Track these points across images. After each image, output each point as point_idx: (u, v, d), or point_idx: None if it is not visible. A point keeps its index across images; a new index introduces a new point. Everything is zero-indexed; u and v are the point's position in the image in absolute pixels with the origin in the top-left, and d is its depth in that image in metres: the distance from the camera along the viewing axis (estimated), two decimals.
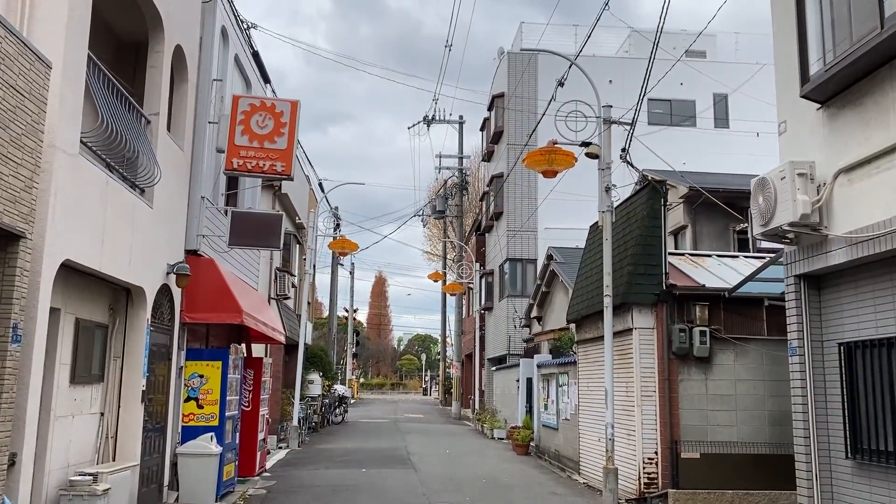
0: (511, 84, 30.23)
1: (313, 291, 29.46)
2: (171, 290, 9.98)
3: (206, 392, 10.87)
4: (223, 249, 11.58)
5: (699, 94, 30.91)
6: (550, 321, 21.71)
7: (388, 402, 48.61)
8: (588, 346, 13.96)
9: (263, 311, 13.52)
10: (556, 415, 17.04)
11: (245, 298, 11.87)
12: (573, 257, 21.59)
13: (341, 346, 50.63)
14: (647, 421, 11.36)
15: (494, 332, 30.66)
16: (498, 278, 30.62)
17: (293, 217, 21.78)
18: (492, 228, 32.35)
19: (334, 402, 27.62)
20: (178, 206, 10.31)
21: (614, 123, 12.30)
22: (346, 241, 20.12)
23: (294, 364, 21.33)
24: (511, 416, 22.79)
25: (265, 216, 11.25)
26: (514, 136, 29.93)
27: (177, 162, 10.21)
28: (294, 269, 22.27)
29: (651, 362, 11.47)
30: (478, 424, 25.83)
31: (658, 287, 11.49)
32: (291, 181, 11.16)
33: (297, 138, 11.16)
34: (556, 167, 11.52)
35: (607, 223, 11.70)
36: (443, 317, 41.67)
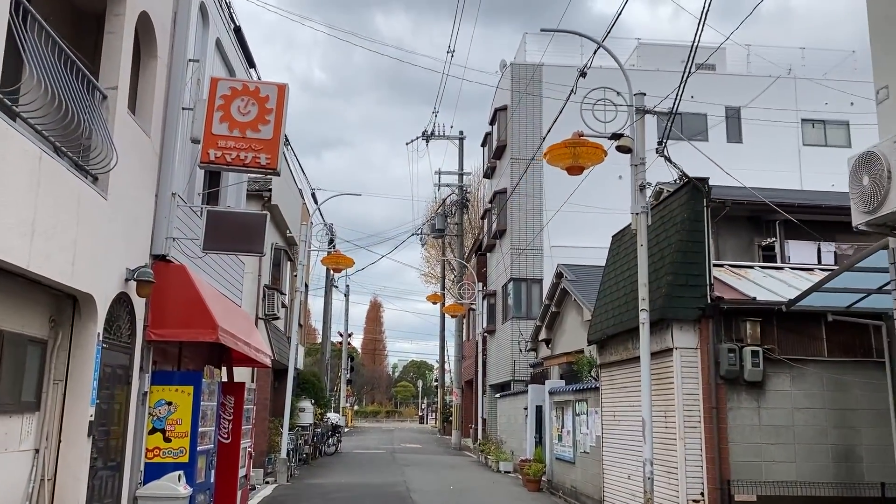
0: (514, 96, 28.88)
1: (305, 312, 27.79)
2: (132, 300, 8.37)
3: (175, 422, 9.22)
4: (197, 255, 9.99)
5: (710, 108, 29.58)
6: (561, 344, 20.10)
7: (384, 430, 46.71)
8: (614, 370, 12.35)
9: (247, 330, 11.90)
10: (573, 447, 15.38)
11: (224, 314, 10.28)
12: (585, 275, 20.08)
13: (335, 372, 48.85)
14: (691, 456, 9.72)
15: (497, 356, 29.01)
16: (501, 300, 29.02)
17: (283, 231, 20.21)
18: (494, 247, 30.82)
19: (327, 431, 25.87)
20: (142, 201, 8.75)
21: (649, 113, 10.79)
22: (340, 257, 18.54)
23: (283, 390, 19.64)
24: (518, 447, 21.08)
25: (247, 216, 9.68)
26: (517, 149, 28.52)
27: (142, 149, 8.66)
28: (284, 286, 20.65)
29: (695, 387, 9.87)
30: (481, 456, 24.10)
31: (702, 300, 9.92)
32: (277, 175, 9.65)
33: (284, 127, 9.64)
34: (581, 162, 10.01)
35: (642, 226, 10.15)
36: (441, 340, 39.98)
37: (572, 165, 10.01)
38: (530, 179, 27.23)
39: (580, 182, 23.88)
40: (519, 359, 26.49)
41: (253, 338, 12.17)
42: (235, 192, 12.97)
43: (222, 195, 12.04)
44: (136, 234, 8.59)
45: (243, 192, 13.64)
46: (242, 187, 13.45)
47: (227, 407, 11.71)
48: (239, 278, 13.39)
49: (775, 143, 29.57)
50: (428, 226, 36.30)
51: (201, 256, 10.01)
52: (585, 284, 19.24)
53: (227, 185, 12.07)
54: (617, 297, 12.16)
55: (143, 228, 8.82)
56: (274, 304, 18.93)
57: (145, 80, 8.86)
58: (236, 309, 12.35)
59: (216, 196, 11.86)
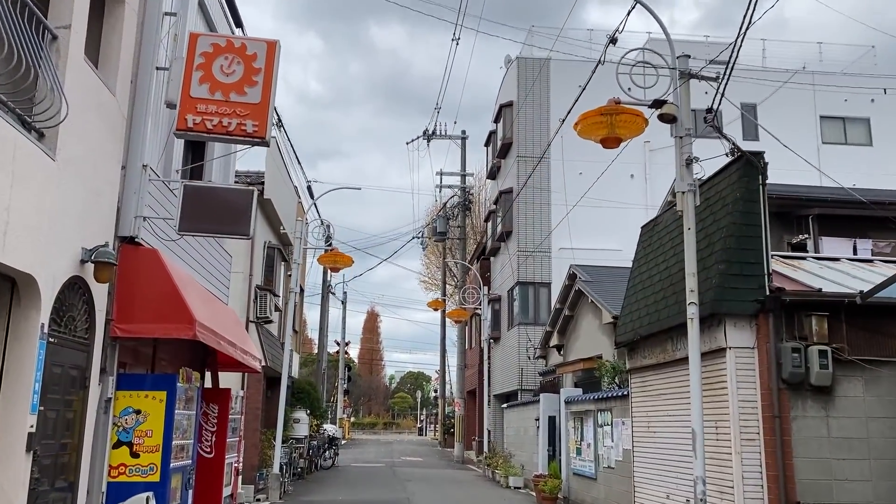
0: (521, 92, 27.58)
1: (301, 318, 26.36)
2: (89, 286, 6.98)
3: (145, 434, 7.81)
4: (173, 238, 8.60)
5: (725, 105, 28.16)
6: (576, 350, 18.70)
7: (382, 443, 45.15)
8: (648, 375, 10.96)
9: (233, 330, 10.50)
10: (595, 461, 13.97)
11: (205, 309, 8.88)
12: (601, 276, 18.74)
13: (332, 382, 47.34)
14: (749, 474, 8.32)
15: (502, 364, 27.58)
16: (506, 305, 27.62)
17: (277, 228, 18.82)
18: (498, 251, 29.43)
19: (323, 444, 24.39)
20: (105, 171, 7.36)
21: (695, 78, 9.45)
22: (338, 255, 17.13)
23: (277, 400, 18.18)
24: (528, 460, 19.64)
25: (230, 192, 8.28)
26: (524, 147, 27.21)
27: (105, 110, 7.29)
28: (278, 287, 19.23)
29: (752, 393, 8.48)
30: (487, 470, 22.63)
31: (760, 292, 8.55)
32: (266, 146, 8.27)
33: (275, 91, 8.25)
34: (619, 133, 8.65)
35: (689, 207, 8.79)
36: (442, 348, 38.53)
37: (608, 136, 8.65)
38: (538, 178, 25.90)
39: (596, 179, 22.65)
40: (527, 367, 25.06)
41: (241, 339, 10.77)
42: (223, 168, 11.58)
43: (206, 171, 10.66)
44: (97, 210, 7.20)
45: (231, 169, 12.22)
46: (230, 163, 12.03)
47: (209, 416, 10.31)
48: (225, 273, 12.00)
49: (793, 141, 27.86)
50: (429, 229, 34.90)
51: (176, 240, 8.61)
52: (602, 286, 17.88)
53: (212, 157, 10.68)
54: (651, 294, 10.78)
55: (107, 204, 7.44)
56: (266, 306, 17.53)
57: (110, 26, 7.50)
58: (222, 307, 10.96)
59: (199, 173, 10.48)
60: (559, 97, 27.31)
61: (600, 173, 25.29)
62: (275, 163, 17.68)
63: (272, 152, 17.72)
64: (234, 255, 17.36)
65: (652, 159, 27.23)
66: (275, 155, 17.77)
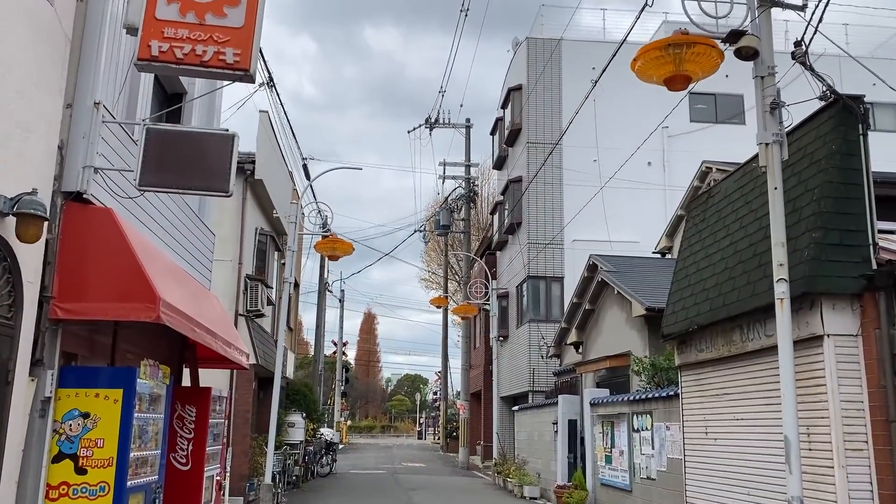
0: (531, 75, 25.92)
1: (296, 313, 24.64)
2: (12, 249, 5.29)
3: (94, 444, 6.11)
4: (130, 195, 6.90)
5: (747, 88, 26.58)
6: (598, 347, 17.02)
7: (381, 447, 43.38)
8: (705, 372, 9.28)
9: (214, 318, 8.81)
10: (629, 471, 12.30)
11: (176, 288, 7.21)
12: (624, 266, 17.09)
13: (328, 385, 45.61)
14: (857, 492, 6.65)
15: (510, 365, 25.89)
16: (515, 301, 25.94)
17: (269, 212, 17.11)
18: (505, 245, 27.77)
19: (320, 449, 22.68)
20: (37, 102, 5.68)
21: (778, 6, 7.80)
22: (337, 242, 15.43)
23: (269, 402, 16.49)
24: (544, 468, 17.96)
25: (205, 137, 6.54)
26: (534, 133, 25.56)
27: (37, 19, 5.61)
28: (270, 278, 17.54)
29: (857, 392, 6.81)
30: (498, 478, 20.93)
31: (864, 266, 6.89)
32: (251, 82, 6.56)
33: (262, 15, 6.56)
34: (687, 70, 6.98)
35: (775, 162, 7.13)
36: (444, 348, 36.81)
37: (675, 75, 6.97)
38: (549, 166, 24.21)
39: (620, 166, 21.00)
40: (538, 367, 23.39)
41: (224, 330, 9.07)
42: (205, 111, 9.86)
43: (185, 116, 8.96)
44: (26, 152, 5.51)
45: (215, 113, 10.44)
46: (213, 104, 10.28)
47: (185, 421, 8.61)
48: (207, 253, 10.30)
49: None
50: (431, 223, 33.20)
51: (135, 197, 6.90)
52: (627, 276, 16.23)
53: (191, 98, 8.98)
54: (710, 276, 9.11)
55: (41, 146, 5.75)
56: (258, 298, 15.83)
57: None
58: (201, 290, 9.25)
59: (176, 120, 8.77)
60: (571, 80, 25.70)
61: (616, 159, 23.74)
62: (267, 137, 15.99)
63: (264, 127, 16.04)
64: (221, 241, 15.66)
65: (671, 146, 25.62)
66: (266, 129, 16.08)
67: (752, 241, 8.21)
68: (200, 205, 10.09)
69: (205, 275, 10.15)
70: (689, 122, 25.84)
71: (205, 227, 10.10)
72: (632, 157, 22.34)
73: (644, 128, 25.04)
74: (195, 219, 9.66)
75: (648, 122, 25.46)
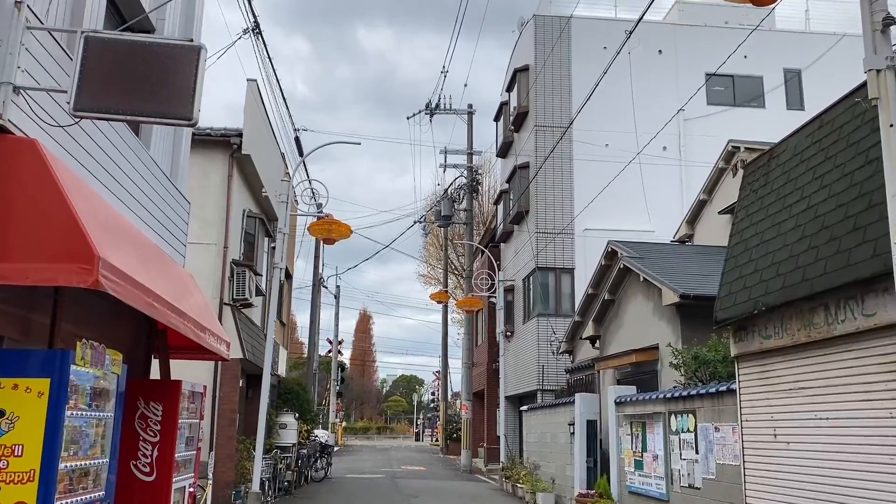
0: (539, 54, 24.44)
1: (289, 305, 23.09)
2: None
3: (9, 451, 4.58)
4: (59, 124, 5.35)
5: (767, 70, 25.26)
6: (619, 340, 15.53)
7: (378, 449, 41.80)
8: (774, 362, 7.78)
9: (185, 297, 7.29)
10: (666, 478, 10.81)
11: (126, 250, 5.70)
12: (646, 254, 15.64)
13: (322, 385, 44.07)
14: None
15: (517, 362, 24.37)
16: (522, 295, 24.44)
17: (258, 193, 15.59)
18: (510, 236, 26.27)
19: (314, 452, 21.14)
20: None
21: None
22: (333, 223, 13.94)
23: (258, 401, 14.97)
24: (559, 473, 16.47)
25: (162, 50, 5.02)
26: (542, 116, 24.07)
27: None
28: (260, 266, 16.01)
29: None
30: (506, 483, 19.42)
31: None
32: None
33: None
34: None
35: (889, 91, 5.63)
36: (444, 345, 35.28)
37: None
38: (558, 151, 22.72)
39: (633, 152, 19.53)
40: (548, 364, 21.90)
41: (200, 313, 7.54)
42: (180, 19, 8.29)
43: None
44: None
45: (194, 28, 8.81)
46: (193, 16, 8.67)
47: (149, 421, 7.09)
48: (180, 223, 8.77)
49: None
50: (431, 214, 31.68)
51: (68, 125, 5.34)
52: (651, 263, 14.76)
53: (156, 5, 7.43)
54: (780, 248, 7.62)
55: None
56: (245, 286, 14.31)
57: None
58: (169, 264, 7.73)
59: None
60: (582, 60, 24.24)
61: (629, 144, 22.27)
62: (256, 108, 14.47)
63: (252, 96, 14.52)
64: (205, 223, 14.16)
65: (687, 130, 24.17)
66: (255, 99, 14.56)
67: (841, 201, 6.73)
68: (173, 165, 8.57)
69: (178, 249, 8.63)
70: (707, 105, 24.39)
71: (177, 193, 8.58)
72: (637, 141, 21.02)
73: (659, 110, 23.58)
74: (165, 181, 8.14)
75: (663, 104, 24.02)
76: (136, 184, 7.17)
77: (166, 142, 8.36)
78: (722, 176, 18.15)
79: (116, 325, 7.34)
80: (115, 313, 7.00)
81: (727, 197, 17.62)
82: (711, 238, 18.09)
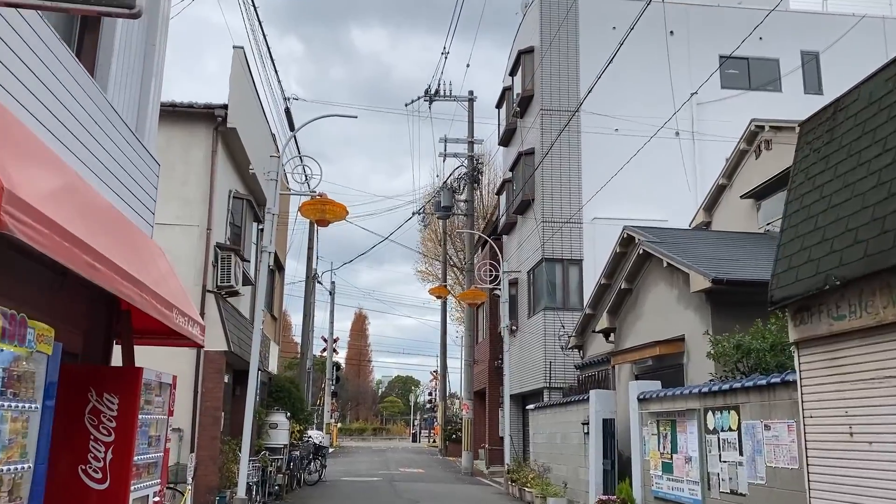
0: (545, 35, 23.24)
1: (280, 297, 21.82)
2: None
3: None
4: None
5: (783, 52, 24.09)
6: (637, 333, 14.33)
7: (374, 450, 40.52)
8: (847, 347, 6.56)
9: (146, 268, 6.07)
10: (702, 483, 9.60)
11: (55, 191, 4.48)
12: (667, 238, 14.46)
13: (318, 385, 42.81)
14: None
15: (521, 359, 23.15)
16: (526, 288, 23.22)
17: (245, 173, 14.36)
18: (514, 227, 25.06)
19: (308, 454, 19.89)
20: None
21: None
22: (327, 203, 12.71)
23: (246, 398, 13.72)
24: (571, 476, 15.26)
25: None
26: (549, 100, 22.87)
27: None
28: (247, 251, 14.78)
29: None
30: (512, 487, 18.20)
31: None
32: None
33: None
34: None
35: None
36: (443, 342, 34.04)
37: None
38: (565, 137, 21.53)
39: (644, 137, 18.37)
40: (555, 360, 20.70)
41: (163, 287, 6.31)
42: None
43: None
44: None
45: None
46: None
47: (102, 417, 5.86)
48: (147, 187, 7.51)
49: None
50: (432, 205, 30.44)
51: None
52: (673, 248, 13.56)
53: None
54: (855, 211, 6.41)
55: None
56: (231, 272, 13.07)
57: None
58: (127, 227, 6.50)
59: None
60: (589, 41, 23.06)
61: (640, 129, 21.12)
62: (243, 75, 13.24)
63: (239, 64, 13.28)
64: (185, 202, 12.91)
65: (700, 114, 22.97)
66: (242, 68, 13.33)
67: None
68: (139, 119, 7.34)
69: (144, 216, 7.38)
70: (721, 89, 23.21)
71: (145, 152, 7.32)
72: (649, 126, 19.86)
73: (671, 94, 22.46)
74: (129, 135, 6.89)
75: (675, 87, 22.88)
76: (88, 131, 5.93)
77: (131, 90, 7.13)
78: (743, 158, 16.97)
79: (68, 302, 6.11)
80: (65, 288, 5.78)
81: (750, 180, 16.45)
82: (731, 225, 16.92)
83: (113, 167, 6.51)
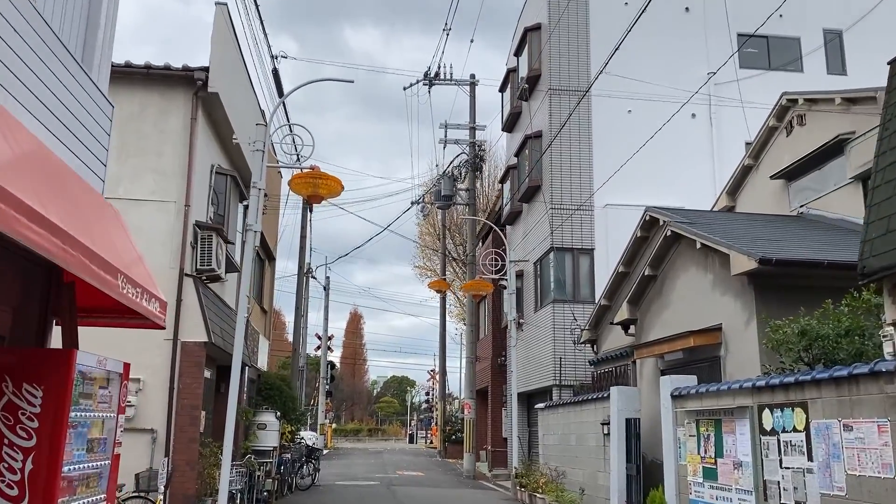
0: (553, 10, 21.87)
1: (271, 290, 20.39)
2: None
3: None
4: None
5: (805, 30, 22.77)
6: (664, 323, 12.97)
7: (371, 452, 39.06)
8: None
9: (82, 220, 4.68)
10: (757, 492, 8.24)
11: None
12: (695, 219, 13.16)
13: (311, 385, 41.40)
14: None
15: (528, 355, 21.77)
16: (533, 280, 21.85)
17: (229, 145, 12.95)
18: (519, 216, 23.69)
19: (300, 456, 18.49)
20: None
21: None
22: (320, 176, 11.33)
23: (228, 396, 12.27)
24: (589, 481, 13.90)
25: None
26: (557, 79, 21.50)
27: None
28: (232, 232, 13.37)
29: None
30: (521, 492, 16.81)
31: None
32: None
33: None
34: None
35: None
36: (442, 339, 32.64)
37: None
38: (575, 119, 20.18)
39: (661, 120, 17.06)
40: (565, 356, 19.34)
41: (112, 253, 4.92)
42: None
43: None
44: None
45: None
46: None
47: (21, 414, 4.46)
48: (96, 131, 6.08)
49: None
50: (431, 194, 29.05)
51: None
52: (703, 229, 12.20)
53: None
54: None
55: None
56: (212, 255, 11.69)
57: None
58: (69, 178, 5.10)
59: None
60: (601, 16, 21.74)
61: (654, 110, 19.80)
62: (227, 34, 11.84)
63: (222, 22, 11.88)
64: (161, 175, 11.48)
65: (718, 95, 21.59)
66: (226, 25, 11.93)
67: None
68: (86, 47, 5.94)
69: (94, 168, 5.98)
70: (739, 69, 21.84)
71: (94, 88, 5.91)
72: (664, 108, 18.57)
73: (686, 74, 21.12)
74: (71, 63, 5.48)
75: (691, 67, 21.58)
76: (12, 48, 4.53)
77: (73, 7, 5.72)
78: (772, 136, 15.62)
79: None
80: None
81: (780, 159, 15.11)
82: (759, 209, 15.58)
83: (50, 101, 5.11)
